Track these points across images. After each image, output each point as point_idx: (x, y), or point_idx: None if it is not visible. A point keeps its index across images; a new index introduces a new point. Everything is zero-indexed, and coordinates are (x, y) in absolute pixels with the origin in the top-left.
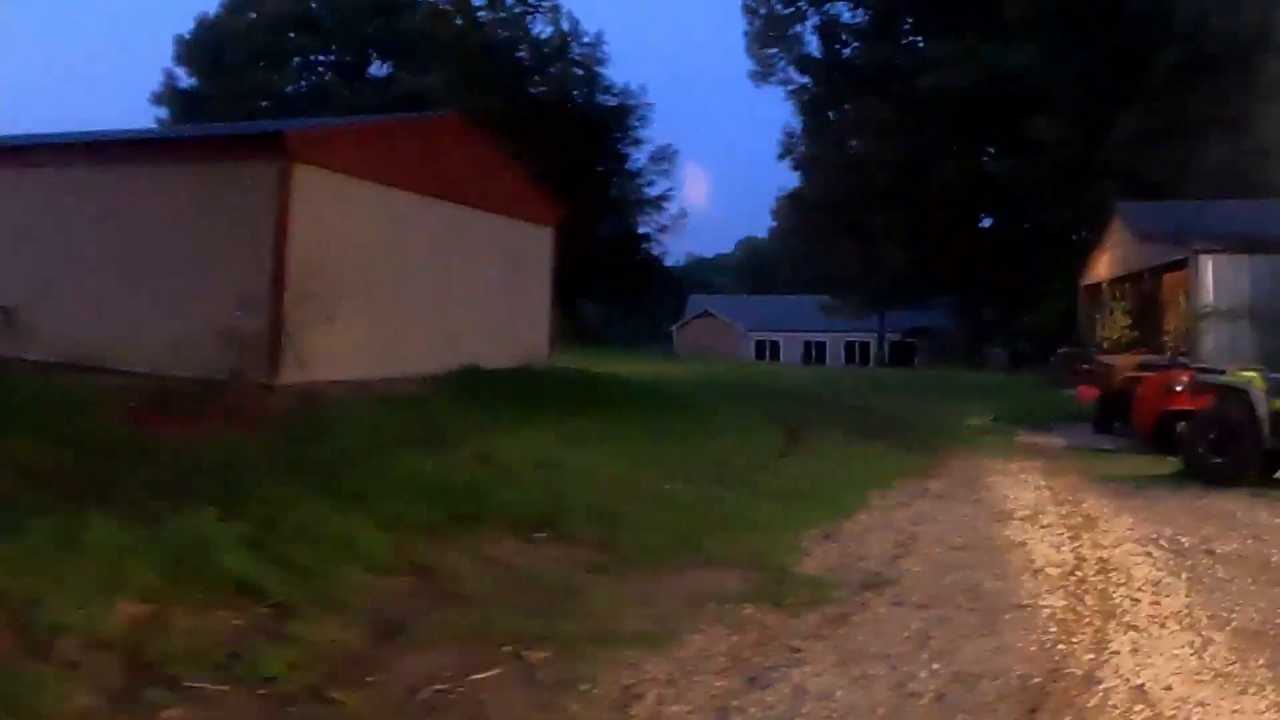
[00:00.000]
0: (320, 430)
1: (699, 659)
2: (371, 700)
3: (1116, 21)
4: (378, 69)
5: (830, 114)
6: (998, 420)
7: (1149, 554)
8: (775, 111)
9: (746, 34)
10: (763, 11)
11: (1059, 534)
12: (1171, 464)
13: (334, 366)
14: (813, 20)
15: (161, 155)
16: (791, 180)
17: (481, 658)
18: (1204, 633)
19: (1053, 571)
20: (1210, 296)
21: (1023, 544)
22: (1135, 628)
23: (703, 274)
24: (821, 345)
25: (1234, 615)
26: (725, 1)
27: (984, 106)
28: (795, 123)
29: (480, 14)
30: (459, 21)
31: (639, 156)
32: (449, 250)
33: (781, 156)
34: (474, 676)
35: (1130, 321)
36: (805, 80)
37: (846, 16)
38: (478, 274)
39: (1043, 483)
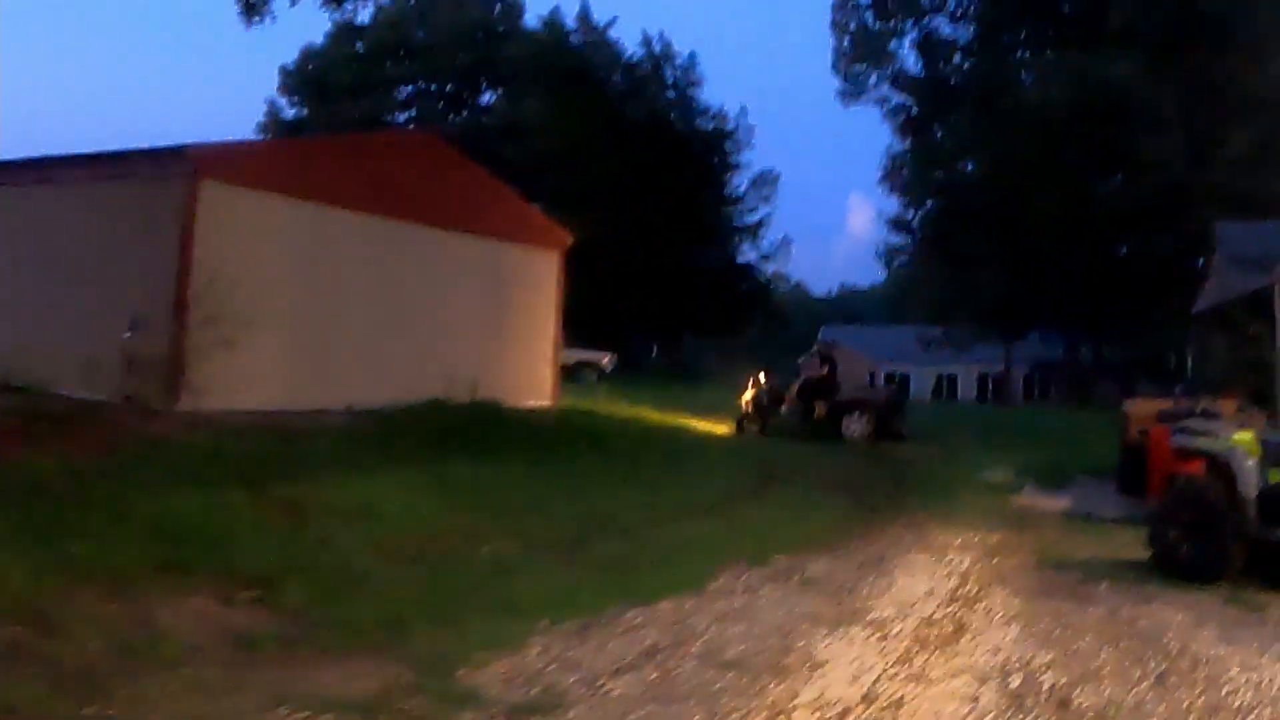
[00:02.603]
0: (143, 459)
1: None
2: None
3: (1224, 33)
4: (485, 98)
5: (930, 133)
6: (1023, 473)
7: (974, 700)
8: None
9: (835, 51)
10: (853, 27)
11: (888, 653)
12: None
13: (241, 394)
14: (911, 36)
15: (75, 174)
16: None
17: None
18: None
19: None
20: None
21: (819, 666)
22: None
23: (854, 304)
24: (954, 378)
25: None
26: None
27: (1088, 123)
28: (895, 144)
29: (571, 37)
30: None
31: (739, 182)
32: (408, 275)
33: (883, 180)
34: None
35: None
36: (903, 99)
37: (947, 31)
38: (448, 301)
39: (967, 567)
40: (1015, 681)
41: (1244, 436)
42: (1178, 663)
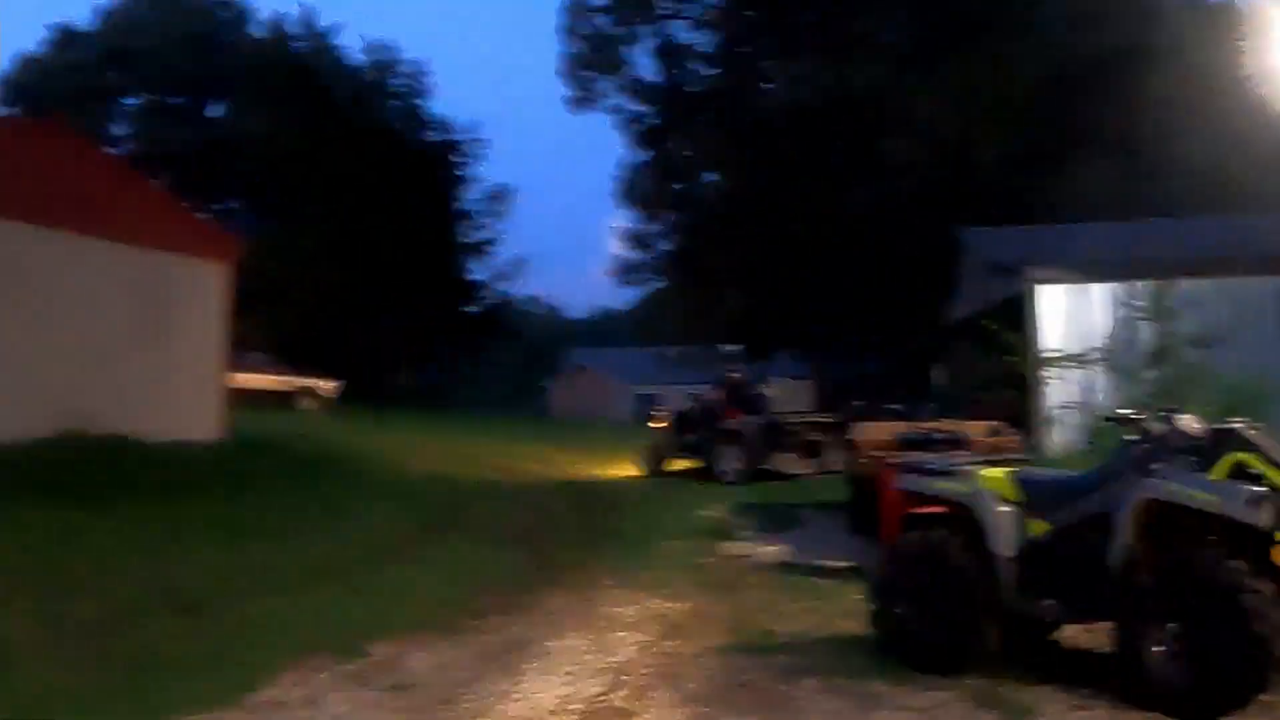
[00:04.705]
0: None
1: None
2: None
3: (975, 39)
4: (211, 110)
5: (669, 144)
6: (746, 510)
7: None
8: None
9: (564, 56)
10: (585, 31)
11: None
12: None
13: None
14: (649, 42)
15: None
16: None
17: None
18: None
19: None
20: (1050, 337)
21: None
22: None
23: (607, 326)
24: None
25: None
26: None
27: (834, 130)
28: (629, 156)
29: (294, 44)
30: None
31: (471, 197)
32: (32, 286)
33: (619, 194)
34: None
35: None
36: (639, 107)
37: (686, 38)
38: (82, 318)
39: (632, 656)
40: None
41: (994, 475)
42: None
